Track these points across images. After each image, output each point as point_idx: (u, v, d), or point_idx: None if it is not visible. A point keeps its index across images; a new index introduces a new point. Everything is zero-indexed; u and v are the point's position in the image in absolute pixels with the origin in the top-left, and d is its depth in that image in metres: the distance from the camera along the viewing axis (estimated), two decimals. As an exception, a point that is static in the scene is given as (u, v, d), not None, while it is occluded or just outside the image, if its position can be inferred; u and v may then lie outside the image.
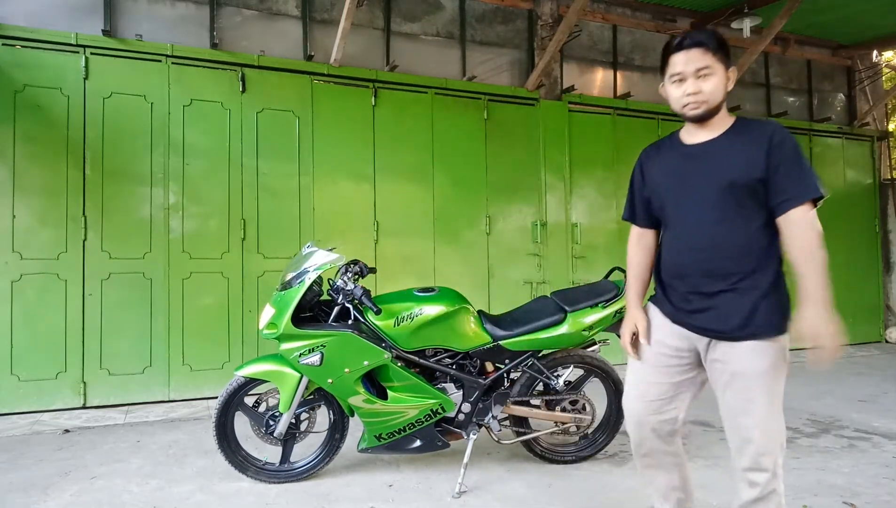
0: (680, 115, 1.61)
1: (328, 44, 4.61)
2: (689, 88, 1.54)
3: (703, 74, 1.52)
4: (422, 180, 4.85)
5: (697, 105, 1.55)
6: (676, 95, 1.58)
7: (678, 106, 1.59)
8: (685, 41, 1.55)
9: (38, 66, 3.86)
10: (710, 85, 1.53)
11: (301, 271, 2.53)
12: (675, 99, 1.59)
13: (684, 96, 1.55)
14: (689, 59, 1.53)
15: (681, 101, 1.57)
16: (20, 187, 3.79)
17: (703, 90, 1.53)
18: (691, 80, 1.54)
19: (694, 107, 1.55)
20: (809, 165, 1.50)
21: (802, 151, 1.50)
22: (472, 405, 2.62)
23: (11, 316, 3.75)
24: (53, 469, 2.79)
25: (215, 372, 4.16)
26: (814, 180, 1.47)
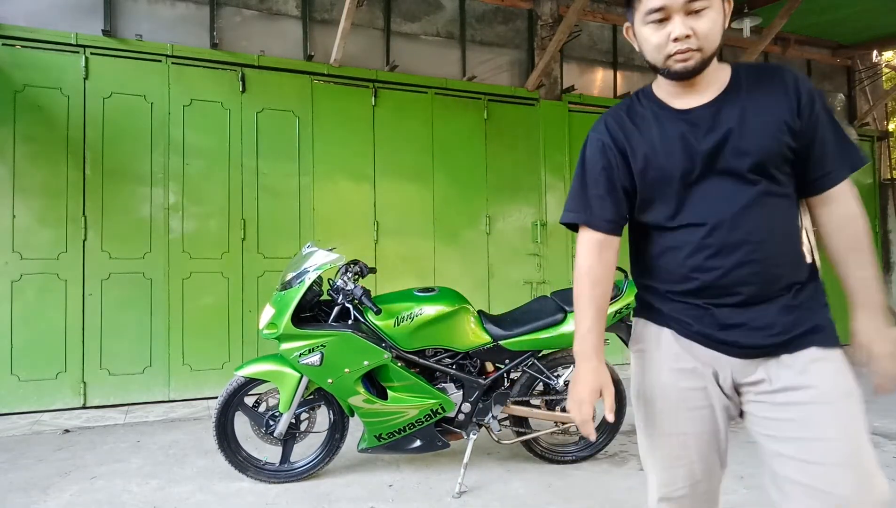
0: (657, 68, 1.16)
1: (328, 44, 4.61)
2: (676, 30, 1.08)
3: (696, 9, 1.08)
4: (422, 180, 4.85)
5: (688, 55, 1.09)
6: (656, 40, 1.11)
7: (658, 56, 1.13)
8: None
9: (38, 66, 3.86)
10: (707, 24, 1.08)
11: (301, 271, 2.54)
12: (653, 46, 1.12)
13: (669, 43, 1.10)
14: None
15: (663, 49, 1.11)
16: (20, 187, 3.79)
17: (697, 32, 1.08)
18: (679, 18, 1.08)
19: (684, 58, 1.10)
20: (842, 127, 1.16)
21: None
22: (472, 405, 2.62)
23: (11, 316, 3.75)
24: (53, 469, 2.79)
25: (215, 372, 4.16)
26: (855, 147, 1.14)
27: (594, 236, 1.24)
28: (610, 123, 1.24)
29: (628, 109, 1.25)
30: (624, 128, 1.22)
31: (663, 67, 1.14)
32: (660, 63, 1.14)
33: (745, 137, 1.10)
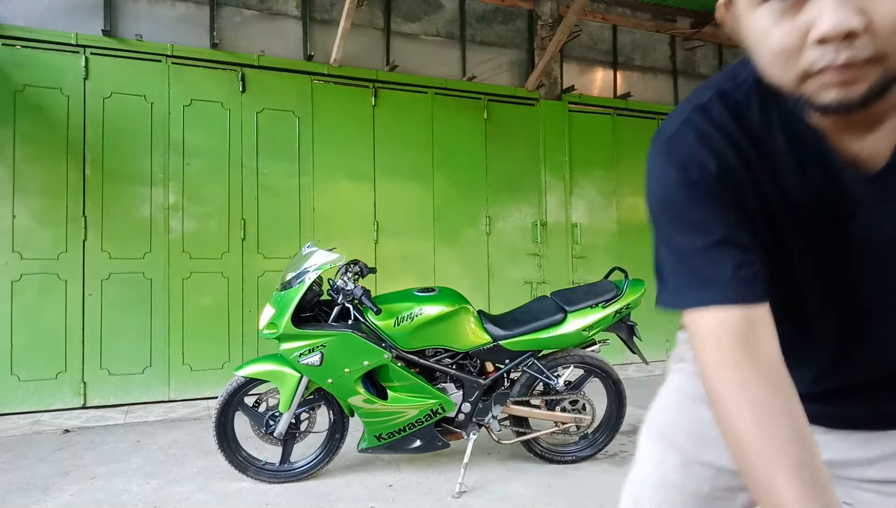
0: (792, 94, 0.56)
1: (328, 44, 4.61)
2: (826, 20, 0.49)
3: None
4: (422, 180, 4.85)
5: (853, 75, 0.51)
6: (781, 40, 0.53)
7: (784, 70, 0.54)
8: None
9: (38, 66, 3.86)
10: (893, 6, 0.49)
11: (301, 271, 2.54)
12: (774, 52, 0.54)
13: (809, 48, 0.51)
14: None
15: (796, 58, 0.53)
16: (20, 187, 3.79)
17: (875, 22, 0.49)
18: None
19: (844, 79, 0.51)
20: None
21: None
22: (472, 405, 2.62)
23: (11, 316, 3.75)
24: (53, 469, 2.79)
25: (215, 372, 4.16)
26: None
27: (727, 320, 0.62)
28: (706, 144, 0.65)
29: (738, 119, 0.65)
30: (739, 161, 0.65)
31: (797, 93, 0.55)
32: (790, 84, 0.55)
33: None
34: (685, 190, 0.64)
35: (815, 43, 0.50)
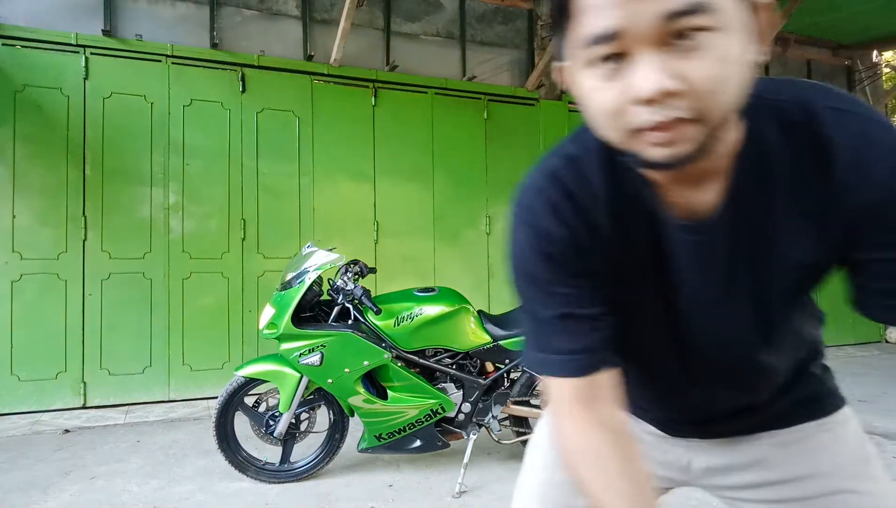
0: (622, 150, 0.58)
1: (328, 44, 4.61)
2: (645, 80, 0.51)
3: (684, 33, 0.50)
4: (422, 180, 4.85)
5: (675, 134, 0.53)
6: (606, 101, 0.55)
7: (613, 129, 0.56)
8: None
9: (38, 66, 3.86)
10: (711, 66, 0.51)
11: (301, 271, 2.54)
12: (602, 111, 0.56)
13: (632, 108, 0.53)
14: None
15: (621, 117, 0.54)
16: (20, 187, 3.79)
17: (692, 82, 0.51)
18: (650, 56, 0.51)
19: (665, 139, 0.53)
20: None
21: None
22: (472, 405, 2.62)
23: (11, 316, 3.75)
24: (53, 469, 2.79)
25: (215, 372, 4.16)
26: None
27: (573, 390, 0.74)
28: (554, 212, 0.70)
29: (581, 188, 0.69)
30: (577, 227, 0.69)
31: (627, 150, 0.57)
32: (619, 142, 0.57)
33: (778, 261, 0.66)
34: (538, 261, 0.70)
35: (637, 103, 0.52)
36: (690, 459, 0.87)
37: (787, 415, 0.81)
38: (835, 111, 0.60)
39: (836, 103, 0.61)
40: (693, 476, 0.89)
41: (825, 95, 0.62)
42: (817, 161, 0.60)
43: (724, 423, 0.83)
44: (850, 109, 0.61)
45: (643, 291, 0.72)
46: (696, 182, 0.63)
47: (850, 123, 0.60)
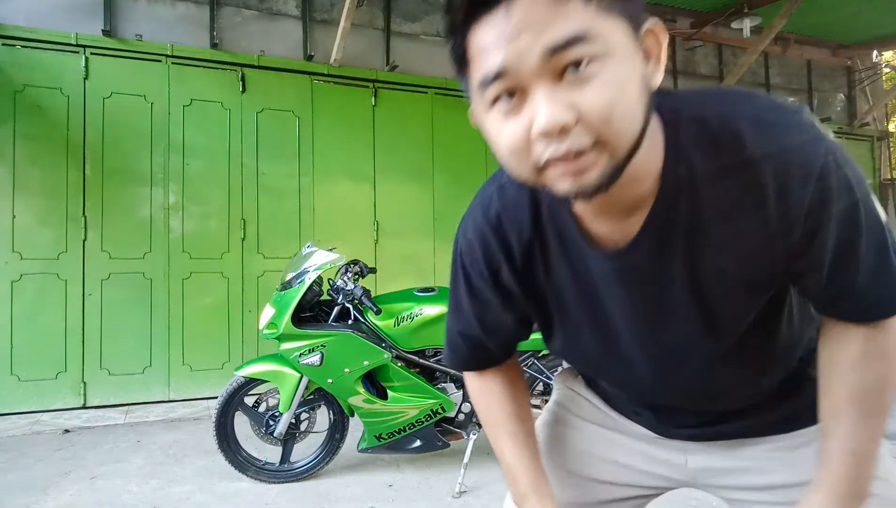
0: (536, 186, 0.59)
1: (328, 44, 4.61)
2: (542, 115, 0.52)
3: (573, 65, 0.51)
4: (422, 180, 4.85)
5: (580, 164, 0.54)
6: (508, 138, 0.56)
7: (520, 166, 0.58)
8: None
9: (38, 66, 3.86)
10: (605, 92, 0.52)
11: (301, 271, 2.54)
12: (506, 149, 0.58)
13: (535, 143, 0.54)
14: (519, 26, 0.51)
15: (525, 154, 0.56)
16: (20, 187, 3.79)
17: (584, 112, 0.52)
18: (544, 90, 0.52)
19: (573, 169, 0.54)
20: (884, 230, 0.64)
21: (866, 195, 0.62)
22: (473, 405, 2.62)
23: (11, 316, 3.75)
24: (53, 469, 2.79)
25: (215, 372, 4.16)
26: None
27: (475, 377, 0.96)
28: (480, 238, 0.78)
29: (504, 216, 0.75)
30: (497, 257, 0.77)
31: (538, 186, 0.59)
32: (529, 178, 0.58)
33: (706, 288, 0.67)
34: (462, 279, 0.82)
35: (537, 138, 0.53)
36: (687, 458, 0.87)
37: (790, 419, 0.81)
38: (757, 125, 0.60)
39: (758, 116, 0.60)
40: (690, 476, 0.88)
41: (746, 107, 0.61)
42: (745, 180, 0.60)
43: (716, 427, 0.83)
44: (773, 119, 0.60)
45: (576, 316, 0.76)
46: (623, 212, 0.64)
47: (775, 139, 0.59)
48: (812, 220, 0.59)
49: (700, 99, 0.64)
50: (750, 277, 0.64)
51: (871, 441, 0.68)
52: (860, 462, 0.68)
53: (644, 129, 0.56)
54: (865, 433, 0.68)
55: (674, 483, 0.91)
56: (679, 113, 0.62)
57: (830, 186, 0.58)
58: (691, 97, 0.64)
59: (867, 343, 0.67)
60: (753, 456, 0.83)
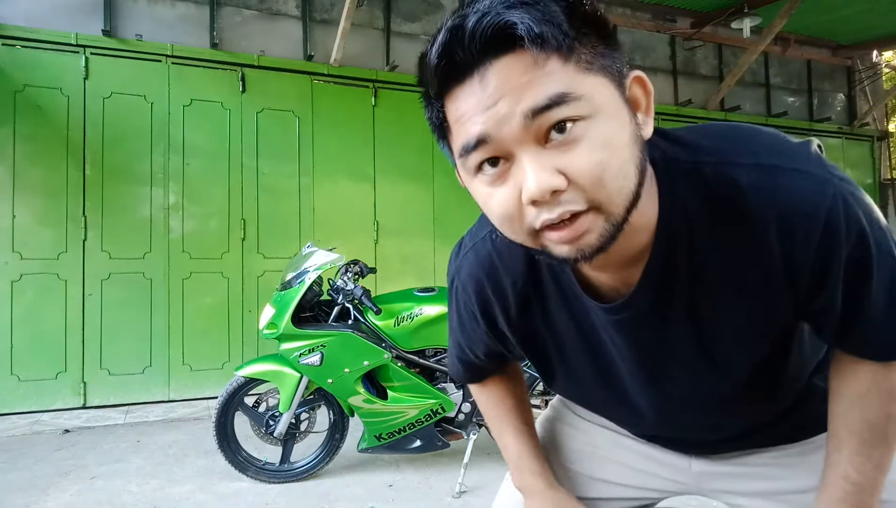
0: (533, 248, 0.57)
1: (328, 44, 4.61)
2: (531, 182, 0.50)
3: (557, 127, 0.50)
4: (422, 180, 4.85)
5: (577, 229, 0.52)
6: (499, 206, 0.54)
7: (515, 232, 0.56)
8: (467, 39, 0.49)
9: (38, 66, 3.86)
10: (594, 154, 0.50)
11: (301, 271, 2.54)
12: (498, 217, 0.56)
13: (526, 209, 0.53)
14: (496, 93, 0.50)
15: (519, 221, 0.54)
16: (20, 187, 3.79)
17: (574, 176, 0.50)
18: (529, 156, 0.51)
19: (568, 237, 0.53)
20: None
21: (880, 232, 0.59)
22: (473, 405, 2.62)
23: (11, 316, 3.74)
24: (53, 469, 2.79)
25: (215, 372, 4.16)
26: None
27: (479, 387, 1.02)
28: (484, 294, 0.77)
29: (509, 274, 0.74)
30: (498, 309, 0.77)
31: (537, 249, 0.57)
32: (525, 241, 0.56)
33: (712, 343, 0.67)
34: (456, 313, 0.84)
35: (529, 205, 0.52)
36: (691, 462, 0.86)
37: (797, 430, 0.80)
38: (756, 172, 0.58)
39: (757, 162, 0.58)
40: (695, 480, 0.87)
41: (745, 151, 0.59)
42: (745, 231, 0.58)
43: (719, 445, 0.83)
44: (774, 164, 0.58)
45: (577, 362, 0.76)
46: (621, 263, 0.62)
47: (776, 187, 0.57)
48: (820, 266, 0.57)
49: (696, 142, 0.62)
50: (755, 324, 0.63)
51: (874, 470, 0.68)
52: (860, 490, 0.68)
53: (640, 184, 0.54)
54: (868, 463, 0.67)
55: (678, 486, 0.90)
56: (673, 162, 0.60)
57: (839, 231, 0.56)
58: (687, 140, 0.62)
59: (875, 379, 0.66)
60: (760, 462, 0.82)
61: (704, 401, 0.73)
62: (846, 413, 0.69)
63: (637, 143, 0.54)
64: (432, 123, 0.58)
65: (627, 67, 0.55)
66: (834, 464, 0.69)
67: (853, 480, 0.68)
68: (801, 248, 0.57)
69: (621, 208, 0.53)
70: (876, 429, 0.67)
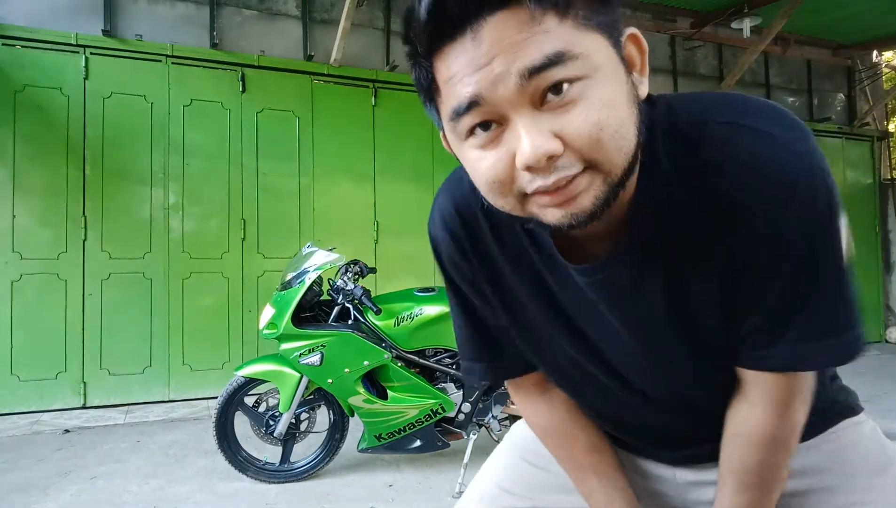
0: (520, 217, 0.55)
1: (328, 44, 4.61)
2: (526, 146, 0.48)
3: (555, 86, 0.47)
4: (422, 180, 4.85)
5: (570, 191, 0.50)
6: (488, 170, 0.52)
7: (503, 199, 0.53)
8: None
9: (38, 66, 3.86)
10: (592, 114, 0.48)
11: (301, 271, 2.54)
12: (486, 183, 0.53)
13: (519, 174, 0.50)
14: (491, 51, 0.47)
15: (508, 186, 0.52)
16: (20, 187, 3.79)
17: (569, 138, 0.48)
18: (524, 119, 0.48)
19: (561, 199, 0.50)
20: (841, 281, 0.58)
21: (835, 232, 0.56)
22: (472, 405, 2.62)
23: (11, 316, 3.75)
24: (53, 469, 2.79)
25: (215, 372, 4.16)
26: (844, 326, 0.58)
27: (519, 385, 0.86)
28: (448, 244, 0.75)
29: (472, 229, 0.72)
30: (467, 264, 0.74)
31: (524, 217, 0.55)
32: (515, 210, 0.54)
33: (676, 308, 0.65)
34: (441, 264, 0.76)
35: (524, 170, 0.49)
36: (675, 472, 0.83)
37: None
38: (726, 127, 0.55)
39: (729, 117, 0.56)
40: (681, 493, 0.83)
41: (721, 109, 0.57)
42: (706, 186, 0.55)
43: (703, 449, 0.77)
44: (745, 122, 0.55)
45: (550, 328, 0.71)
46: (600, 225, 0.57)
47: (740, 142, 0.54)
48: (775, 241, 0.55)
49: (679, 105, 0.59)
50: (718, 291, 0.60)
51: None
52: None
53: (638, 145, 0.52)
54: (744, 502, 0.67)
55: (665, 499, 0.85)
56: (653, 123, 0.57)
57: (805, 206, 0.53)
58: (672, 103, 0.60)
59: (765, 421, 0.64)
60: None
61: (676, 377, 0.68)
62: (725, 449, 0.68)
63: (634, 102, 0.52)
64: (419, 84, 0.55)
65: (622, 24, 0.53)
66: (717, 501, 0.70)
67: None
68: (749, 212, 0.54)
69: (619, 169, 0.50)
70: (751, 474, 0.66)
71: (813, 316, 0.57)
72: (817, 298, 0.57)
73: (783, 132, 0.54)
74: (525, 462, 0.86)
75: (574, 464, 0.77)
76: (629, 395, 0.72)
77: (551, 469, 0.84)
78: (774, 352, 0.60)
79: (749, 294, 0.59)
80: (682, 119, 0.58)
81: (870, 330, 6.79)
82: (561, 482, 0.84)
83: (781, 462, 0.66)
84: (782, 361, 0.60)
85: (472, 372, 0.79)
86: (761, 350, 0.61)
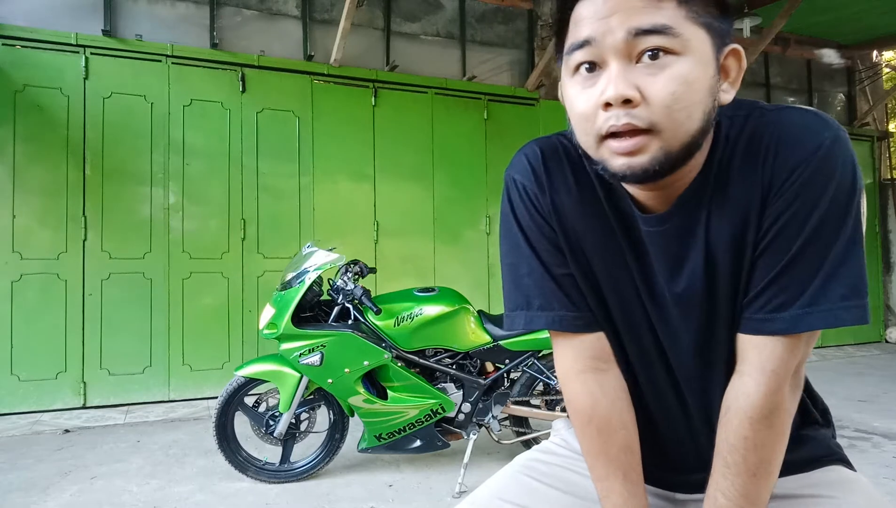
0: (590, 159, 0.67)
1: (328, 44, 4.61)
2: (609, 87, 0.60)
3: (650, 52, 0.59)
4: (422, 180, 4.85)
5: (635, 143, 0.60)
6: (581, 104, 0.63)
7: (585, 134, 0.65)
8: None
9: (38, 66, 3.86)
10: (671, 84, 0.58)
11: (301, 271, 2.54)
12: (577, 115, 0.65)
13: (599, 111, 0.61)
14: (613, 8, 0.59)
15: (591, 121, 0.63)
16: (20, 187, 3.79)
17: (649, 96, 0.59)
18: (617, 65, 0.60)
19: (627, 148, 0.60)
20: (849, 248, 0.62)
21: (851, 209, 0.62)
22: (472, 405, 2.62)
23: (11, 316, 3.75)
24: (53, 469, 2.79)
25: (215, 372, 4.16)
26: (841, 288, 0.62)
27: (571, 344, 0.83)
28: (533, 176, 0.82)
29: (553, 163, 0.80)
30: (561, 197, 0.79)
31: (596, 159, 0.64)
32: (591, 148, 0.64)
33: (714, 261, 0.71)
34: (514, 214, 0.80)
35: (602, 107, 0.61)
36: (675, 496, 0.84)
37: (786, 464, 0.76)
38: (773, 108, 0.67)
39: (778, 106, 0.67)
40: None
41: (773, 106, 0.68)
42: (750, 148, 0.66)
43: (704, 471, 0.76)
44: (790, 106, 0.67)
45: (619, 272, 0.76)
46: (663, 189, 0.69)
47: (785, 113, 0.65)
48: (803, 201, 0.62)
49: (744, 102, 0.70)
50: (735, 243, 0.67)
51: (741, 499, 0.67)
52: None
53: (703, 132, 0.62)
54: (733, 489, 0.67)
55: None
56: (721, 114, 0.68)
57: (834, 173, 0.61)
58: (740, 101, 0.69)
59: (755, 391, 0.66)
60: None
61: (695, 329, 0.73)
62: (717, 431, 0.70)
63: (712, 97, 0.62)
64: (556, 22, 0.68)
65: (731, 37, 0.64)
66: (707, 490, 0.70)
67: (720, 505, 0.68)
68: (796, 177, 0.62)
69: (677, 142, 0.61)
70: (735, 452, 0.67)
71: (825, 280, 0.62)
72: (831, 263, 0.62)
73: (823, 116, 0.65)
74: (524, 475, 0.86)
75: (605, 459, 0.76)
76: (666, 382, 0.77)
77: (552, 484, 0.85)
78: (779, 317, 0.65)
79: (774, 249, 0.65)
80: (740, 113, 0.68)
81: (870, 330, 6.79)
82: (559, 495, 0.83)
83: (766, 442, 0.66)
84: (785, 324, 0.64)
85: (534, 321, 0.78)
86: (768, 314, 0.65)
